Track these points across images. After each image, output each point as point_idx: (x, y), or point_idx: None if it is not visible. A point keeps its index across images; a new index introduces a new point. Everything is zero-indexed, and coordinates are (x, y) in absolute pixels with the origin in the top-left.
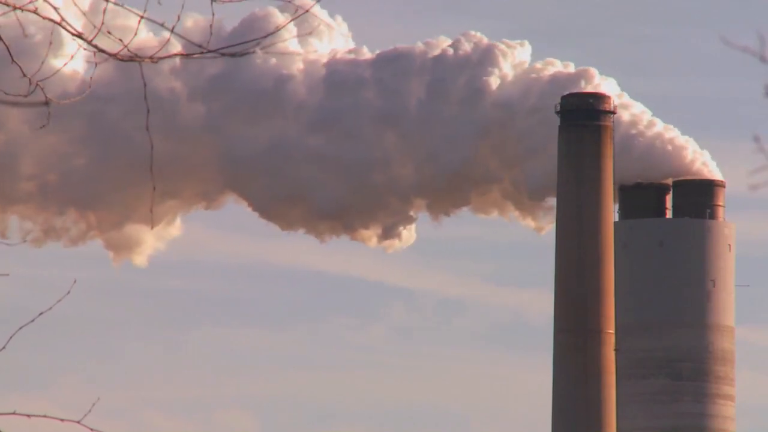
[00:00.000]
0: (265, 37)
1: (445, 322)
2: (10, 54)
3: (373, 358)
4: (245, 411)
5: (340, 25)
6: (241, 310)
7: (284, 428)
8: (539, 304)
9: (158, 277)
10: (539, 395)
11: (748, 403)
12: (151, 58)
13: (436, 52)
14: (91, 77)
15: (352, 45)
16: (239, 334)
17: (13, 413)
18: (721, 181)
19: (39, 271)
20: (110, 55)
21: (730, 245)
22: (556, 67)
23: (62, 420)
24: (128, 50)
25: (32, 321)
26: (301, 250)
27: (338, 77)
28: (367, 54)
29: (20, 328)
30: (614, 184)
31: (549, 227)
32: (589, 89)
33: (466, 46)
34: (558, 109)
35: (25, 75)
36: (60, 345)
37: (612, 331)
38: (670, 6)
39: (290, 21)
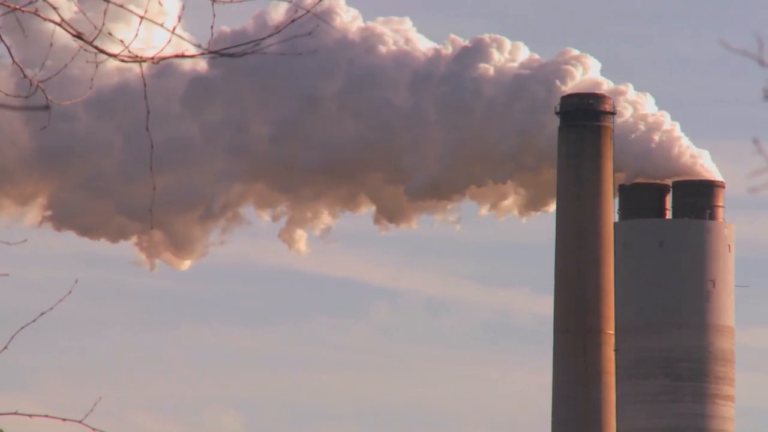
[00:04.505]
0: (265, 37)
1: (438, 322)
2: (11, 55)
3: (361, 358)
4: (231, 411)
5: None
6: (227, 310)
7: (270, 428)
8: (535, 304)
9: (144, 277)
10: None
11: (748, 404)
12: (152, 59)
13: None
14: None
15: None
16: (224, 334)
17: (15, 413)
18: (721, 182)
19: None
20: (111, 55)
21: (729, 246)
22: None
23: (64, 420)
24: (129, 51)
25: (33, 321)
26: (285, 250)
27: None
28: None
29: (21, 327)
30: (614, 184)
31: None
32: (586, 85)
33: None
34: (558, 109)
35: (25, 76)
36: (59, 345)
37: (612, 331)
38: (670, 6)
39: (291, 21)
